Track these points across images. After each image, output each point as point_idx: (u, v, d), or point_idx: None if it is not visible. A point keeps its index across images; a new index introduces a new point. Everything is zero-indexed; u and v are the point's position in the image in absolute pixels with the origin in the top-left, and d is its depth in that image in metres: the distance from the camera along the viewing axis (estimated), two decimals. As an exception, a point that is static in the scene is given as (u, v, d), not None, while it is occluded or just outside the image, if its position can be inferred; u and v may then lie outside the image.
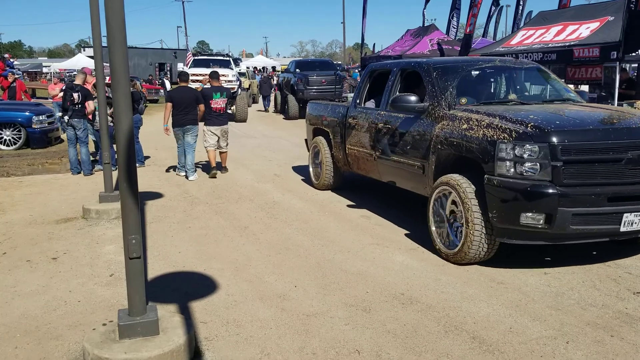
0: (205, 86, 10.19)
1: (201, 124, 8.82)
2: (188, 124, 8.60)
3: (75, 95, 8.73)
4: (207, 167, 9.37)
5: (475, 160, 4.60)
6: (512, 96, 5.72)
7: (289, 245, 5.35)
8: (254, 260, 4.95)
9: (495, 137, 4.38)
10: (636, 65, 13.80)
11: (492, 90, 6.19)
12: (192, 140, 8.68)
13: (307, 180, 8.41)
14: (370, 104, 6.83)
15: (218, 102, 8.73)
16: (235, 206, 6.99)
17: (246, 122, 18.17)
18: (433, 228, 5.03)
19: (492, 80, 6.23)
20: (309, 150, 8.44)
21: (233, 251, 5.21)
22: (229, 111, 17.00)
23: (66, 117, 8.81)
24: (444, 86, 5.45)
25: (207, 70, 16.75)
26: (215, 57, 21.09)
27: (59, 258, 5.02)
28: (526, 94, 6.12)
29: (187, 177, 8.72)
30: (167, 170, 9.47)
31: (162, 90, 28.98)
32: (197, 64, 19.40)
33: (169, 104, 8.62)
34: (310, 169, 8.19)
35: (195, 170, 8.87)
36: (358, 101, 6.90)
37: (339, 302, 4.00)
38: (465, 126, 4.74)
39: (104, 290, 4.25)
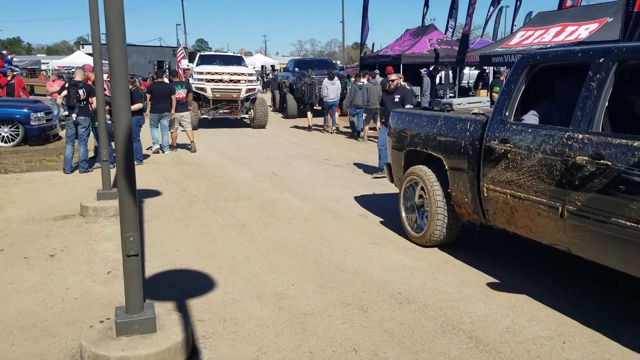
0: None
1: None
2: (165, 111, 11.03)
3: (81, 91, 8.59)
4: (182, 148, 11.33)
5: None
6: None
7: (287, 244, 5.36)
8: (251, 258, 4.95)
9: None
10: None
11: None
12: (166, 122, 11.18)
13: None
14: (531, 117, 4.44)
15: (180, 93, 11.47)
16: (233, 204, 6.99)
17: (261, 128, 16.39)
18: None
19: None
20: (392, 181, 6.02)
21: (231, 249, 5.21)
22: (245, 116, 16.79)
23: (74, 115, 8.54)
24: None
25: (215, 68, 16.26)
26: (224, 54, 19.98)
27: (56, 255, 5.02)
28: None
29: (163, 151, 11.20)
30: (148, 149, 11.08)
31: None
32: (203, 60, 17.39)
33: (148, 95, 10.97)
34: (402, 214, 5.57)
35: (169, 147, 11.44)
36: (508, 113, 4.32)
37: (337, 301, 4.01)
38: None
39: (102, 288, 4.25)
